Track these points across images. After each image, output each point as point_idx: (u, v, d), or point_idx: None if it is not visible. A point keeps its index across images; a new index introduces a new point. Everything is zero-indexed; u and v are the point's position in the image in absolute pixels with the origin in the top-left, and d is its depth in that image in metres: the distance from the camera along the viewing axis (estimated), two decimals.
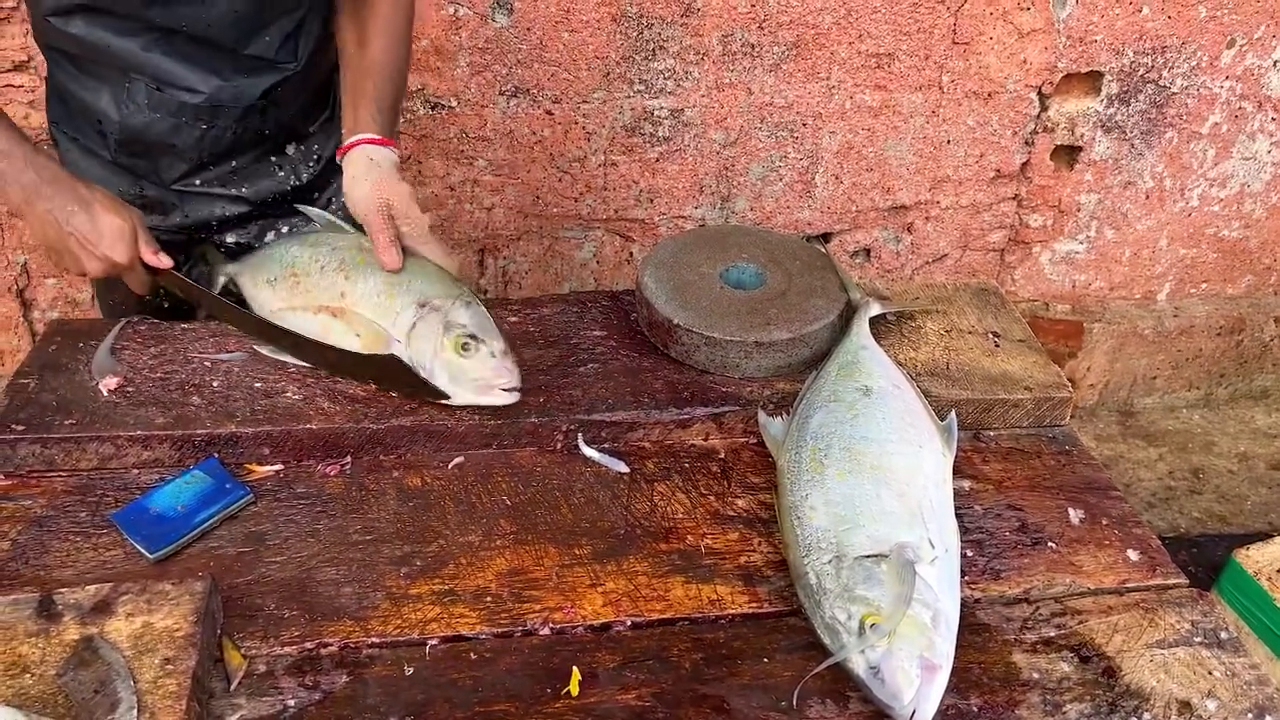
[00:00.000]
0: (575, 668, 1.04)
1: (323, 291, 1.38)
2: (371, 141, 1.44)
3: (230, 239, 1.61)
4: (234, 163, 1.54)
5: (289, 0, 1.46)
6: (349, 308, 1.35)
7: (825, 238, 2.81)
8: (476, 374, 1.29)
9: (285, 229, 1.62)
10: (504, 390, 1.29)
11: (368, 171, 1.41)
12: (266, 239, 1.61)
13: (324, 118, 1.63)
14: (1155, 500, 2.89)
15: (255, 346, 1.41)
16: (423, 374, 1.30)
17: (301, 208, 1.55)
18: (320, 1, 1.51)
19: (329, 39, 1.55)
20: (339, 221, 1.50)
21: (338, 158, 1.47)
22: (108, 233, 1.33)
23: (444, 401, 1.31)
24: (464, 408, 1.32)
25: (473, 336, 1.29)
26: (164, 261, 1.39)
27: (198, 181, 1.54)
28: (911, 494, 1.15)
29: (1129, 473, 2.96)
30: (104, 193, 1.37)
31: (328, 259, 1.40)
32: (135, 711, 0.92)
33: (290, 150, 1.60)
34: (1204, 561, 2.55)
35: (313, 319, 1.37)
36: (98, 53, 1.41)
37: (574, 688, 1.02)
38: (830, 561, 1.09)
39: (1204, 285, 3.10)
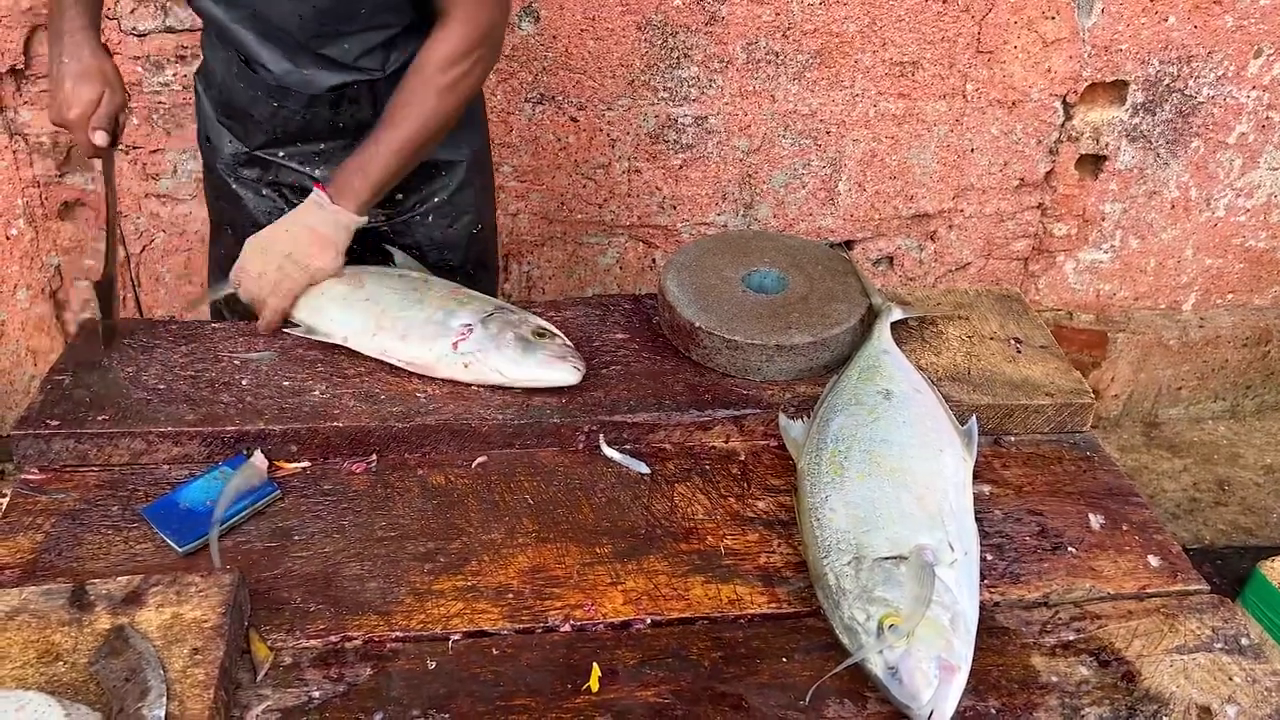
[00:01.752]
0: (595, 664, 1.05)
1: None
2: (322, 189, 1.49)
3: None
4: (322, 145, 1.61)
5: (363, 17, 1.50)
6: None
7: (848, 245, 2.81)
8: (550, 351, 1.39)
9: (363, 217, 1.64)
10: (575, 367, 1.38)
11: (296, 212, 1.50)
12: None
13: None
14: (1180, 511, 2.86)
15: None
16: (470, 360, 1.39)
17: (390, 248, 1.65)
18: (420, 23, 1.53)
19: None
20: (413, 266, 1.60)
21: None
22: (77, 92, 1.44)
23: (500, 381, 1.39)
24: (489, 409, 1.34)
25: (549, 331, 1.43)
26: (100, 139, 1.47)
27: (280, 153, 1.63)
28: (931, 497, 1.16)
29: (1153, 484, 2.94)
30: (102, 61, 1.48)
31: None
32: (165, 699, 0.94)
33: None
34: (1228, 573, 2.53)
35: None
36: (207, 19, 1.53)
37: (594, 684, 1.03)
38: (849, 563, 1.09)
39: (1230, 296, 3.07)
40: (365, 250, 1.67)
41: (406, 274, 1.55)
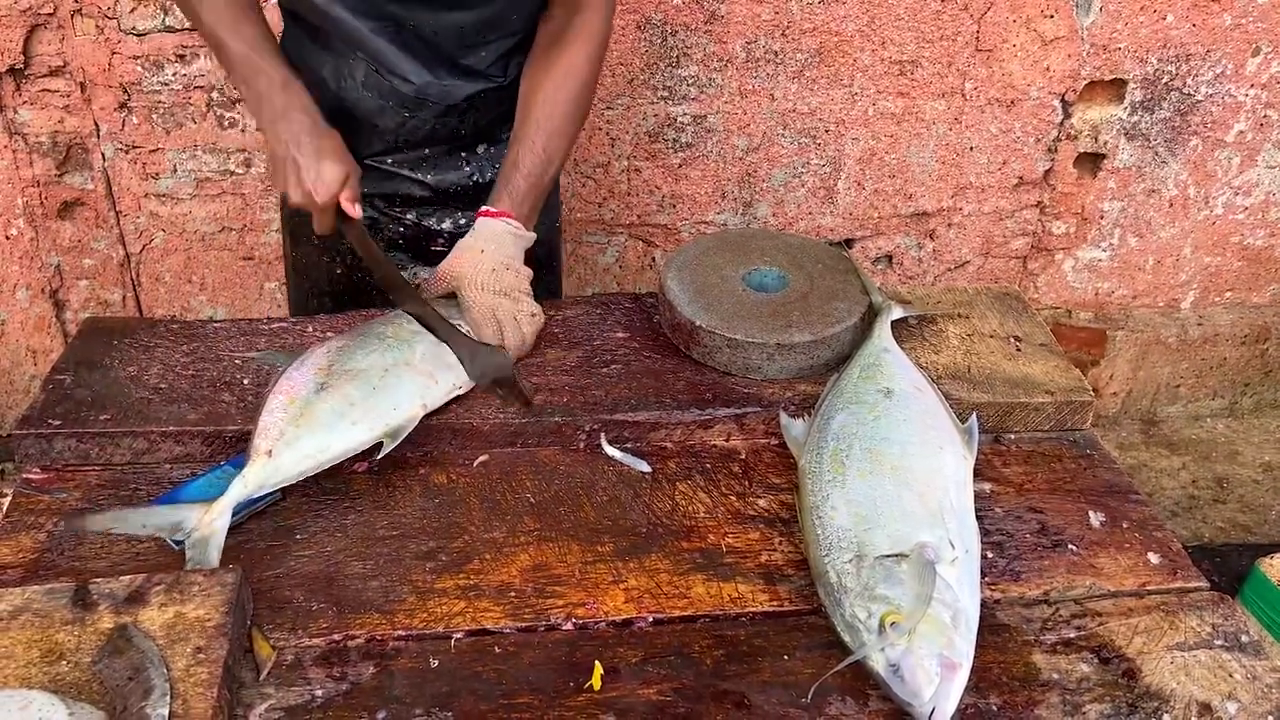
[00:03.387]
0: (597, 662, 1.05)
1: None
2: (485, 214, 1.50)
3: (410, 216, 1.67)
4: (426, 150, 1.61)
5: (512, 24, 1.53)
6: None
7: (847, 244, 2.81)
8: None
9: (463, 220, 1.67)
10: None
11: (457, 247, 1.49)
12: (442, 225, 1.68)
13: None
14: (1178, 509, 2.87)
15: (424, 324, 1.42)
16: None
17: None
18: (535, 28, 1.57)
19: None
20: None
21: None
22: (324, 172, 1.38)
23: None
24: (490, 408, 1.34)
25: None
26: (356, 211, 1.42)
27: (389, 160, 1.62)
28: (932, 495, 1.16)
29: (1152, 481, 2.95)
30: (337, 139, 1.43)
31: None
32: (168, 698, 0.94)
33: (480, 150, 1.65)
34: (1227, 571, 2.54)
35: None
36: (333, 25, 1.49)
37: (596, 682, 1.04)
38: (851, 560, 1.10)
39: (1228, 294, 3.08)
40: (431, 244, 1.70)
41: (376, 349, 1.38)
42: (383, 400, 1.27)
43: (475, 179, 1.66)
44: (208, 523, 1.14)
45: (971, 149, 2.69)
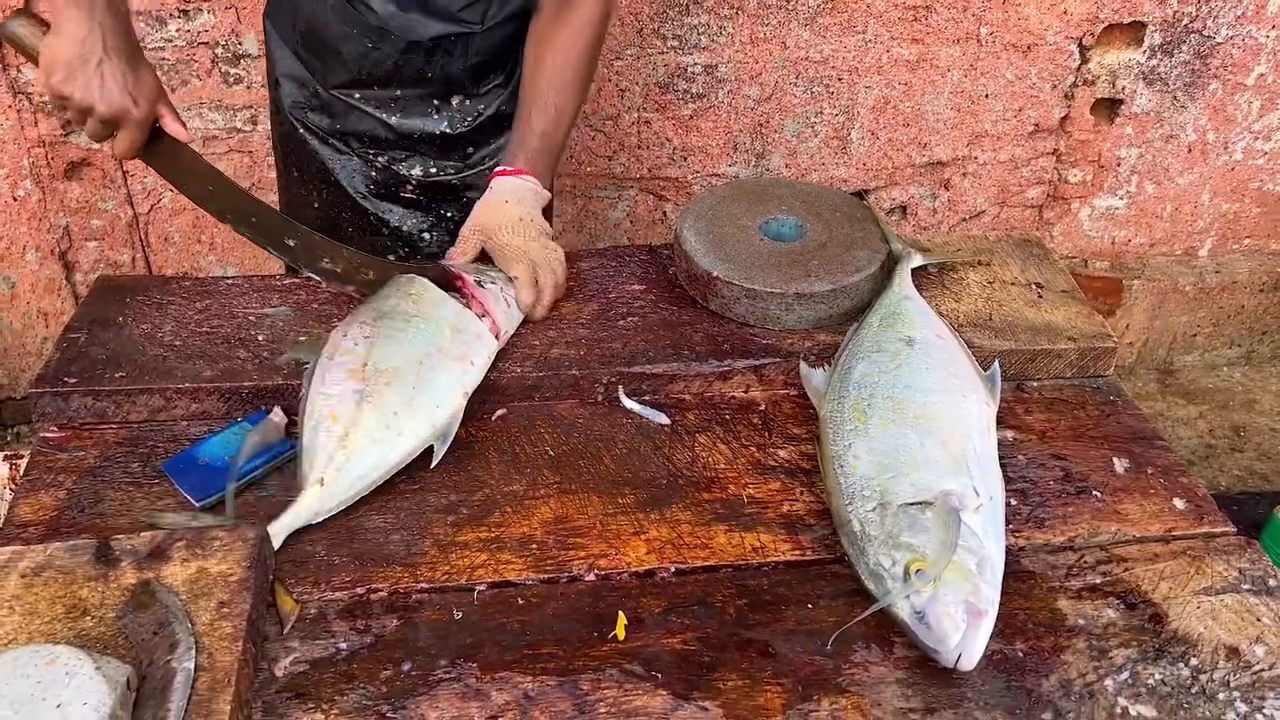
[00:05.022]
0: (621, 613, 1.05)
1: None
2: (501, 173, 1.50)
3: (381, 159, 1.66)
4: (397, 91, 1.60)
5: None
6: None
7: (861, 195, 2.78)
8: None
9: (433, 168, 1.67)
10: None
11: (479, 203, 1.49)
12: (413, 171, 1.67)
13: (497, 82, 1.65)
14: (1195, 458, 2.86)
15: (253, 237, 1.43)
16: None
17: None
18: None
19: (524, 15, 1.58)
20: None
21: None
22: (143, 78, 1.32)
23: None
24: (507, 361, 1.34)
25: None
26: (182, 131, 1.38)
27: (356, 95, 1.61)
28: (955, 442, 1.15)
29: (1169, 431, 2.93)
30: (142, 50, 1.36)
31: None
32: (194, 652, 0.94)
33: (454, 101, 1.64)
34: (1245, 519, 2.51)
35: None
36: None
37: (620, 632, 1.03)
38: (874, 509, 1.09)
39: (1247, 240, 3.04)
40: (430, 201, 1.70)
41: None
42: (424, 399, 1.21)
43: (443, 128, 1.64)
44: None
45: (987, 96, 2.65)
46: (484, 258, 1.46)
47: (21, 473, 1.22)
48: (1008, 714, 0.97)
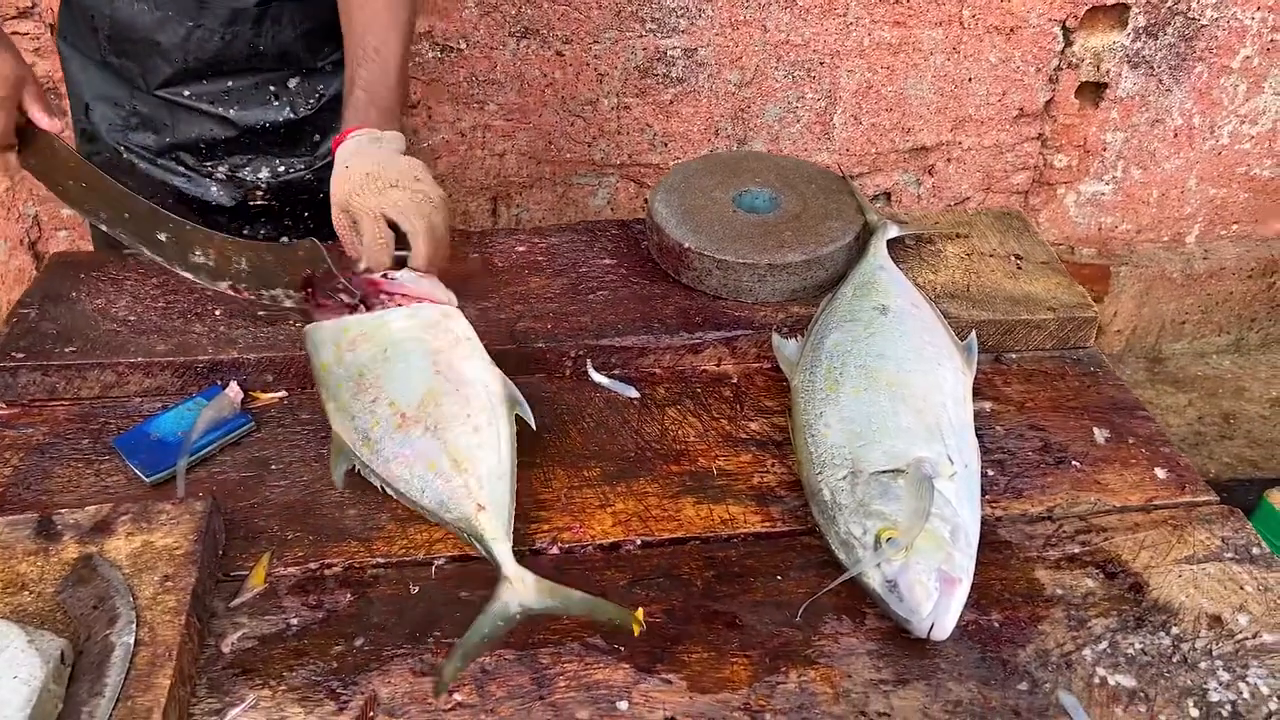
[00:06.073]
0: (640, 609, 0.98)
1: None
2: (339, 140, 1.32)
3: (222, 169, 1.55)
4: (229, 83, 1.50)
5: None
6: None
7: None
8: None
9: (280, 166, 1.56)
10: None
11: (349, 154, 1.28)
12: (260, 174, 1.56)
13: (335, 56, 1.56)
14: (1185, 446, 2.83)
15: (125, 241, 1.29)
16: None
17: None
18: None
19: None
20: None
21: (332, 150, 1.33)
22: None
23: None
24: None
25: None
26: (51, 123, 1.26)
27: (186, 93, 1.49)
28: (929, 410, 1.12)
29: (1158, 418, 2.90)
30: (5, 38, 1.25)
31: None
32: (134, 626, 0.90)
33: (292, 84, 1.55)
34: (1235, 505, 2.49)
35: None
36: None
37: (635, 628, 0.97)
38: (845, 477, 1.05)
39: (1234, 226, 3.02)
40: (285, 205, 1.58)
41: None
42: (469, 390, 1.11)
43: (287, 114, 1.53)
44: (521, 587, 0.96)
45: (970, 80, 2.62)
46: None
47: None
48: (982, 684, 0.93)
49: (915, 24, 2.51)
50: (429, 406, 1.08)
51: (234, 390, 1.23)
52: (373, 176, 1.24)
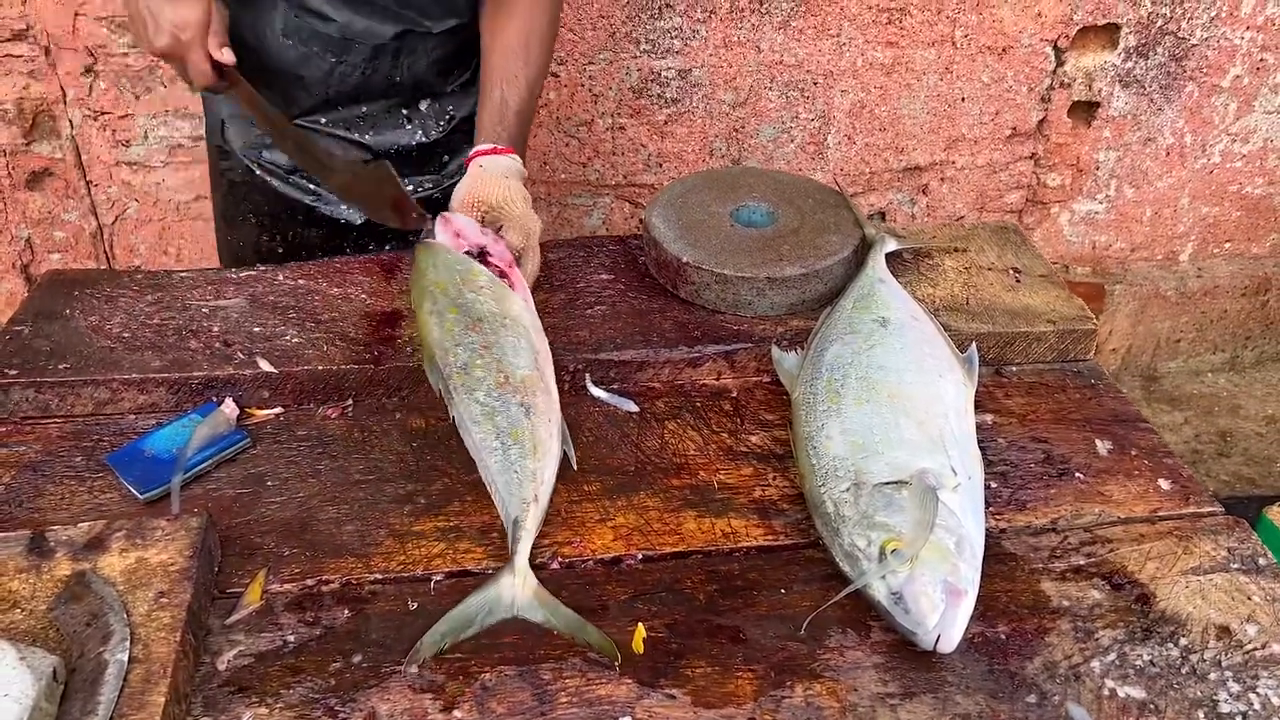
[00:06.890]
0: (641, 625, 0.98)
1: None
2: (486, 153, 1.41)
3: None
4: (363, 108, 1.53)
5: None
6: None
7: None
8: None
9: (410, 186, 1.58)
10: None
11: (472, 177, 1.39)
12: None
13: (463, 79, 1.60)
14: (1182, 463, 2.82)
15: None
16: None
17: None
18: None
19: (474, 5, 1.53)
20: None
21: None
22: (180, 11, 1.29)
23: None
24: None
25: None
26: (226, 56, 1.35)
27: (323, 120, 1.54)
28: (931, 422, 1.11)
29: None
30: None
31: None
32: (128, 643, 0.89)
33: (423, 106, 1.58)
34: None
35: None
36: None
37: (638, 645, 0.96)
38: (848, 489, 1.04)
39: (1228, 244, 3.03)
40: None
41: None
42: (544, 394, 1.15)
43: (419, 138, 1.58)
44: (521, 584, 0.99)
45: (963, 99, 2.63)
46: None
47: None
48: (990, 697, 0.92)
49: (908, 44, 2.53)
50: (528, 387, 1.13)
51: (229, 406, 1.21)
52: (521, 197, 1.37)
